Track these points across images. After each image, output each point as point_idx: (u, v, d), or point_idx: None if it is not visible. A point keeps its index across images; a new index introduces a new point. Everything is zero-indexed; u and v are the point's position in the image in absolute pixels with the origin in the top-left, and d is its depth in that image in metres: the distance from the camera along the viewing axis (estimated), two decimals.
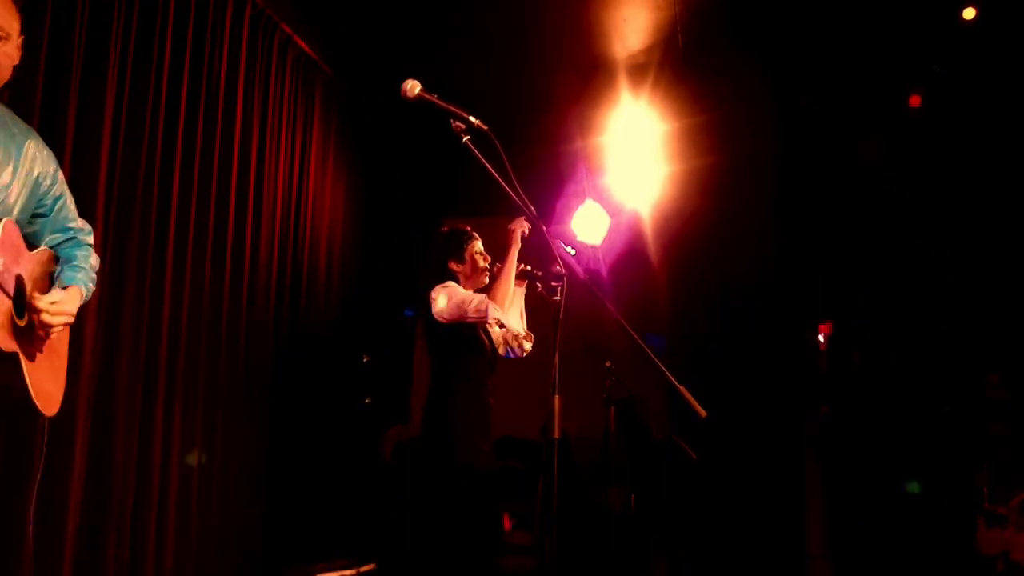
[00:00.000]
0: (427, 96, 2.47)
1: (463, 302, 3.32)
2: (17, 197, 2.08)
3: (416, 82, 2.49)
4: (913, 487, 4.69)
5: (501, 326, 3.42)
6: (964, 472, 4.84)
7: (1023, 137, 4.95)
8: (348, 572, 4.15)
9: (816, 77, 5.19)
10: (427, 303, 3.46)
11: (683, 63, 5.11)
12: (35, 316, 2.03)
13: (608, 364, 3.90)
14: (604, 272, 5.54)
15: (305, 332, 4.82)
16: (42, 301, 2.05)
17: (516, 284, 3.53)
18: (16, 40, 2.06)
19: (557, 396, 2.44)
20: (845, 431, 5.39)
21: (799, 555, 5.17)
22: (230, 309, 4.05)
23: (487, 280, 3.58)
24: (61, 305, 2.10)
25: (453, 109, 2.45)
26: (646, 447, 5.43)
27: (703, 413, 2.67)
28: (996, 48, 4.69)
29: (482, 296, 3.34)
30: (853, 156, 5.33)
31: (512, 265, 3.43)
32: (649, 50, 5.10)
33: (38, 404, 2.03)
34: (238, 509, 4.11)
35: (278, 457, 4.48)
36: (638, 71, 5.25)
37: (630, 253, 5.64)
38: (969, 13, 4.52)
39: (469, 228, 3.62)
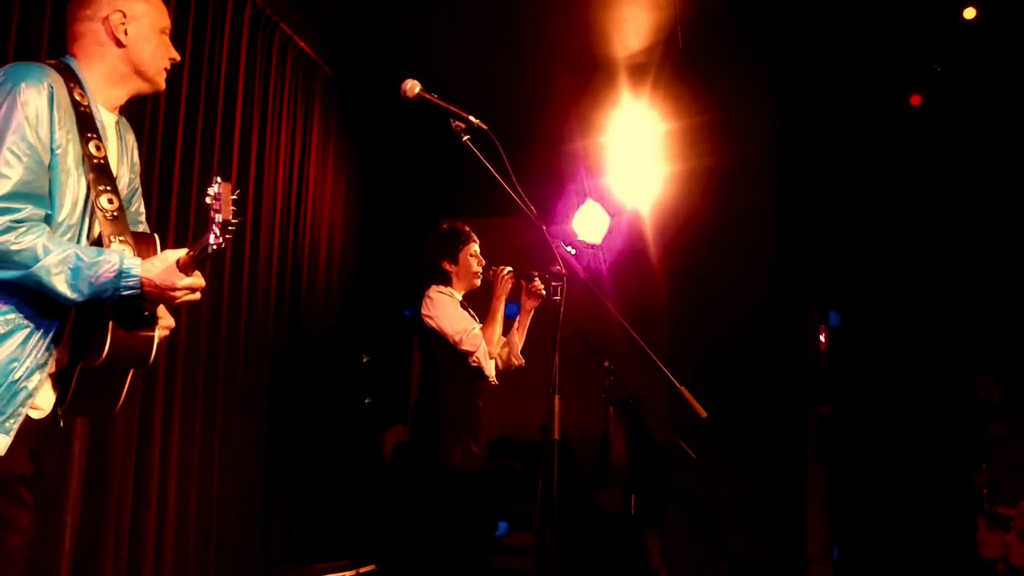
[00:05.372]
0: (427, 96, 2.47)
1: (463, 331, 3.37)
2: (125, 191, 2.09)
3: (416, 82, 2.48)
4: None
5: (477, 364, 3.45)
6: (964, 472, 4.84)
7: (1023, 137, 4.95)
8: (348, 572, 4.15)
9: (816, 77, 5.18)
10: (420, 298, 3.48)
11: (683, 63, 5.11)
12: None
13: (607, 364, 3.89)
14: (604, 272, 5.54)
15: (305, 332, 4.81)
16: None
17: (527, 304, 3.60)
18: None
19: (557, 396, 2.44)
20: (845, 431, 5.39)
21: (799, 555, 5.17)
22: (229, 308, 4.05)
23: (478, 283, 3.60)
24: (164, 320, 2.08)
25: (453, 109, 2.45)
26: (646, 447, 5.43)
27: (703, 413, 2.67)
28: (996, 48, 4.69)
29: (478, 333, 3.40)
30: (853, 154, 5.33)
31: (500, 311, 3.49)
32: (649, 50, 5.09)
33: None
34: (237, 509, 4.11)
35: (278, 457, 4.48)
36: (638, 71, 5.24)
37: (630, 253, 5.64)
38: (969, 13, 4.52)
39: (468, 229, 3.63)
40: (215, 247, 1.75)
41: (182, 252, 1.83)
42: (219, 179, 1.77)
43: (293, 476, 4.61)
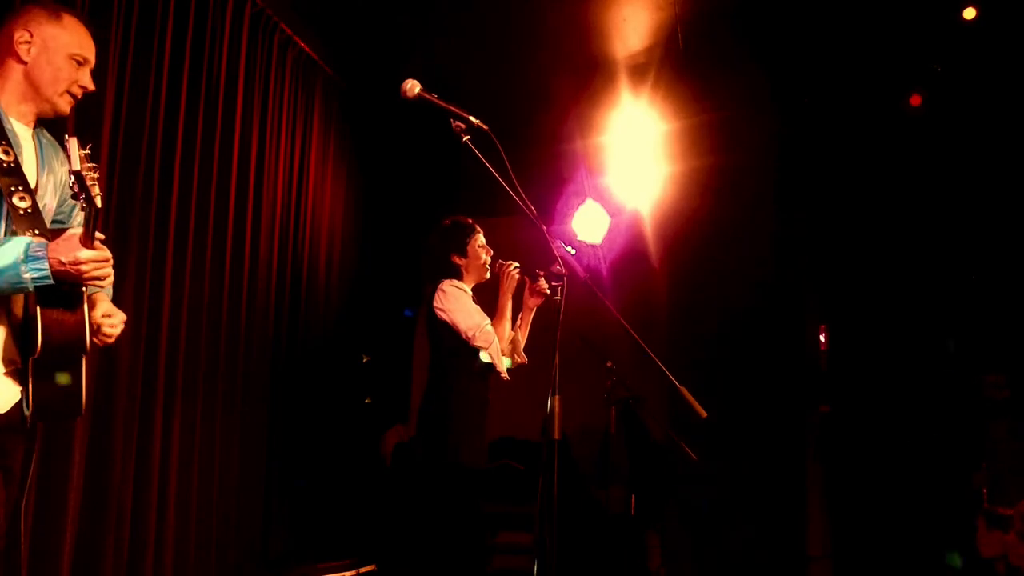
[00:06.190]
0: (427, 96, 2.47)
1: (476, 327, 3.37)
2: (51, 205, 2.18)
3: (416, 82, 2.49)
4: (954, 560, 4.62)
5: (489, 360, 3.45)
6: (964, 472, 4.84)
7: (1022, 137, 4.95)
8: (348, 572, 4.15)
9: (816, 77, 5.18)
10: (432, 292, 3.47)
11: (683, 63, 5.11)
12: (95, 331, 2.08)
13: (609, 364, 3.89)
14: (604, 272, 5.54)
15: (305, 332, 4.82)
16: (96, 315, 2.09)
17: (529, 305, 3.61)
18: (90, 67, 2.20)
19: (557, 396, 2.44)
20: (845, 431, 5.39)
21: (799, 555, 5.17)
22: (230, 309, 4.05)
23: (488, 275, 3.60)
24: (115, 317, 2.15)
25: (453, 109, 2.45)
26: (646, 447, 5.43)
27: (703, 413, 2.67)
28: (996, 48, 4.69)
29: (491, 329, 3.41)
30: (852, 154, 5.33)
31: (508, 307, 3.49)
32: (649, 50, 5.09)
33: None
34: (238, 509, 4.11)
35: (278, 457, 4.48)
36: (638, 71, 5.24)
37: (630, 253, 5.64)
38: (969, 13, 4.52)
39: (471, 221, 3.63)
40: (82, 201, 1.82)
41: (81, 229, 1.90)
42: (66, 137, 1.85)
43: (293, 476, 4.61)
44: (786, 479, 5.15)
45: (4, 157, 2.00)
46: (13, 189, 1.99)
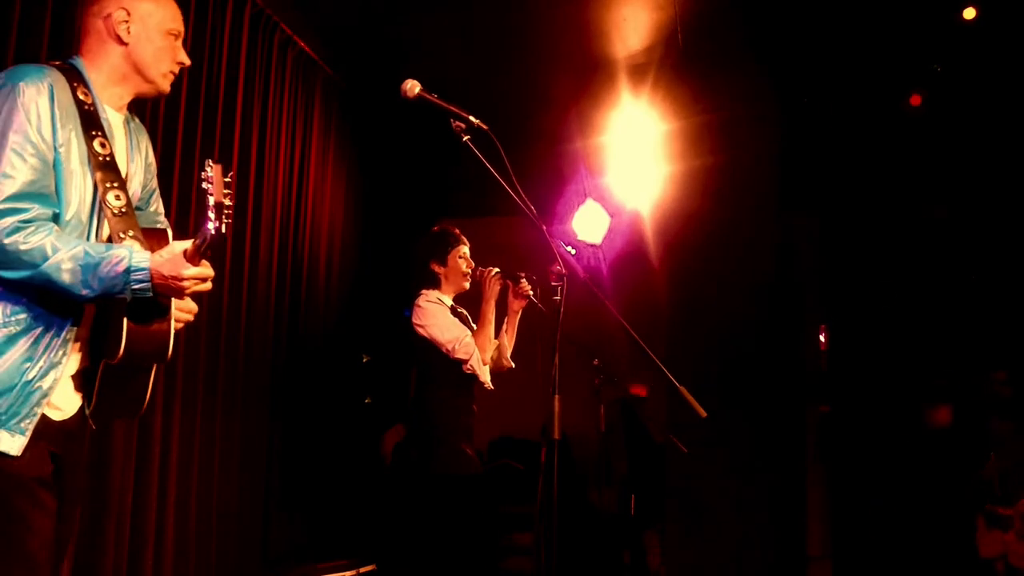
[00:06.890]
0: (427, 96, 2.47)
1: (456, 340, 3.37)
2: (138, 192, 2.12)
3: (416, 82, 2.48)
4: None
5: (472, 372, 3.45)
6: (965, 472, 4.84)
7: (1022, 137, 4.95)
8: (348, 572, 4.15)
9: (816, 77, 5.18)
10: (411, 305, 3.48)
11: (683, 63, 5.11)
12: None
13: (596, 362, 3.87)
14: (604, 272, 5.54)
15: (305, 332, 4.82)
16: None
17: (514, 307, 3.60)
18: (183, 39, 2.13)
19: (557, 396, 2.43)
20: (845, 431, 5.39)
21: (799, 555, 5.17)
22: (229, 308, 4.05)
23: (467, 286, 3.60)
24: (186, 304, 2.11)
25: (453, 109, 2.45)
26: (646, 447, 5.43)
27: (703, 413, 2.67)
28: (996, 48, 4.69)
29: (471, 340, 3.40)
30: (852, 154, 5.33)
31: (491, 314, 3.48)
32: (649, 50, 5.09)
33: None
34: (238, 509, 4.11)
35: (278, 457, 4.48)
36: (638, 71, 5.24)
37: (630, 253, 5.64)
38: (969, 13, 4.53)
39: (457, 232, 3.63)
40: (213, 232, 1.75)
41: (189, 243, 1.84)
42: (210, 162, 1.76)
43: (293, 476, 4.61)
44: (786, 479, 5.14)
45: (100, 150, 1.92)
46: (109, 185, 1.92)
